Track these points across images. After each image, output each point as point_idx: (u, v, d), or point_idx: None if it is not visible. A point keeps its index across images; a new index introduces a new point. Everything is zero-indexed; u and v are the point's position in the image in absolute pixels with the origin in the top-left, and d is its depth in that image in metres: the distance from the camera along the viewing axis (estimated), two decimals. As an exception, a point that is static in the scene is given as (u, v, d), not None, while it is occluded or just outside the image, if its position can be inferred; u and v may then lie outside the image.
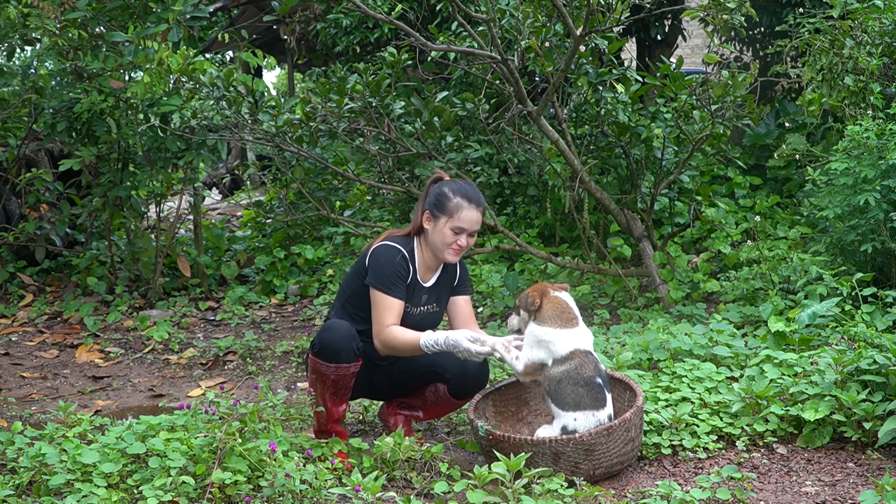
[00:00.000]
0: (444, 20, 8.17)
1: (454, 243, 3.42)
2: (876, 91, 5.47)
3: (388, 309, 3.36)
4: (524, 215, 7.29)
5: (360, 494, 2.85)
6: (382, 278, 3.38)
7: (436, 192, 3.47)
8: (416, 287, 3.48)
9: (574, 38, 4.98)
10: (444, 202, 3.42)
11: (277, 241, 7.16)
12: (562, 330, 3.20)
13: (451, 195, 3.43)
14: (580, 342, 3.21)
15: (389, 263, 3.39)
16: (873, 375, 3.37)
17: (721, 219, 6.59)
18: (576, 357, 3.17)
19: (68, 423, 3.50)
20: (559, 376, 3.15)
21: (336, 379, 3.37)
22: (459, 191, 3.45)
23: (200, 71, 5.70)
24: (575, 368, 3.15)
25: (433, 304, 3.57)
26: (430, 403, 3.65)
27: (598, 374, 3.17)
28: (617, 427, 3.08)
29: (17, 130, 6.79)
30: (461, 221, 3.41)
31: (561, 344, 3.18)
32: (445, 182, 3.51)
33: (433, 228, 3.44)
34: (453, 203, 3.41)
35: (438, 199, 3.44)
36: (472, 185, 3.59)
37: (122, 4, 5.59)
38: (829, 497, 2.99)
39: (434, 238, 3.44)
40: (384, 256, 3.41)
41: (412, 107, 5.91)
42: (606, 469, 3.13)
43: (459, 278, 3.62)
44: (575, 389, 3.13)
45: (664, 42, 9.00)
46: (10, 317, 6.19)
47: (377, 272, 3.39)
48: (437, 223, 3.43)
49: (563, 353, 3.17)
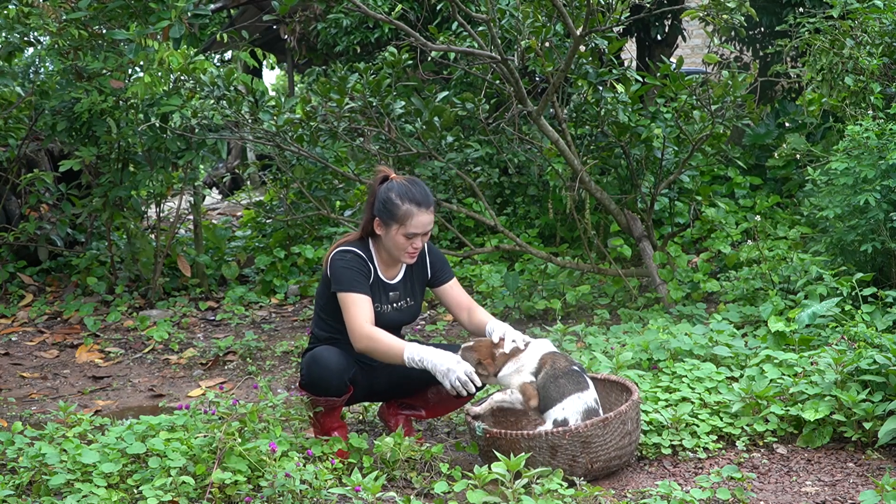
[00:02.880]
0: (444, 20, 8.17)
1: (408, 247, 3.37)
2: (876, 91, 5.47)
3: (356, 305, 3.29)
4: (524, 215, 7.29)
5: (360, 494, 2.85)
6: (343, 280, 3.33)
7: (383, 198, 3.35)
8: (381, 285, 3.44)
9: (574, 38, 4.98)
10: (393, 210, 3.32)
11: (277, 241, 7.16)
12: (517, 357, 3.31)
13: (399, 202, 3.32)
14: (540, 350, 3.33)
15: (347, 265, 3.34)
16: (873, 375, 3.37)
17: (721, 219, 6.59)
18: (546, 360, 3.29)
19: (68, 423, 3.50)
20: (542, 382, 3.26)
21: (327, 407, 3.40)
22: (407, 195, 3.33)
23: (201, 70, 5.70)
24: (551, 367, 3.26)
25: (406, 300, 3.52)
26: (432, 403, 3.64)
27: (571, 363, 3.28)
28: (613, 419, 3.10)
29: (17, 130, 6.79)
30: (413, 227, 3.32)
31: (526, 364, 3.30)
32: (391, 186, 3.37)
33: (385, 235, 3.37)
34: (403, 210, 3.31)
35: (387, 207, 3.33)
36: (419, 183, 3.43)
37: (122, 4, 5.58)
38: (829, 497, 2.99)
39: (388, 243, 3.39)
40: (341, 261, 3.36)
41: (412, 107, 5.91)
42: (604, 463, 3.13)
43: (433, 268, 3.56)
44: (556, 383, 3.22)
45: (664, 42, 9.00)
46: (10, 317, 6.19)
47: (337, 277, 3.34)
48: (388, 230, 3.35)
49: (534, 366, 3.29)
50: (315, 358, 3.35)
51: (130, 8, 5.63)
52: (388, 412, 3.69)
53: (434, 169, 6.73)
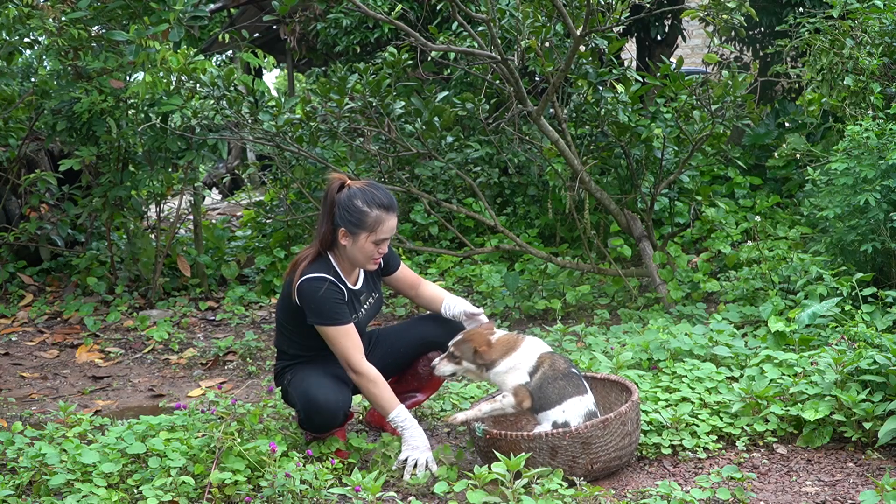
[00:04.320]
0: (444, 20, 8.17)
1: (375, 253, 3.28)
2: (876, 91, 5.47)
3: (347, 337, 3.23)
4: (524, 215, 7.29)
5: (360, 494, 2.85)
6: (324, 313, 3.22)
7: (346, 205, 3.22)
8: (353, 295, 3.38)
9: (574, 38, 4.98)
10: (362, 217, 3.20)
11: (277, 241, 7.16)
12: (514, 353, 3.29)
13: (366, 208, 3.20)
14: (538, 348, 3.31)
15: (322, 297, 3.21)
16: (873, 375, 3.37)
17: (721, 219, 6.59)
18: (544, 359, 3.27)
19: (68, 423, 3.50)
20: (539, 383, 3.23)
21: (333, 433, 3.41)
22: (374, 201, 3.22)
23: (201, 70, 5.70)
24: (550, 367, 3.25)
25: (372, 296, 3.50)
26: (425, 379, 3.62)
27: (570, 365, 3.28)
28: (613, 420, 3.10)
29: (17, 130, 6.79)
30: (383, 233, 3.24)
31: (524, 361, 3.27)
32: (354, 192, 3.24)
33: (352, 245, 3.25)
34: (372, 217, 3.20)
35: (352, 214, 3.21)
36: (380, 187, 3.32)
37: (122, 4, 5.58)
38: (829, 497, 2.99)
39: (354, 253, 3.26)
40: (314, 292, 3.21)
41: (412, 107, 5.92)
42: (604, 464, 3.13)
43: (384, 259, 3.48)
44: (556, 384, 3.21)
45: (664, 42, 9.00)
46: (10, 317, 6.19)
47: (315, 310, 3.22)
48: (356, 239, 3.23)
49: (531, 364, 3.26)
50: (313, 404, 3.24)
51: (130, 8, 5.63)
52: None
53: (434, 169, 6.73)
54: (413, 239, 7.17)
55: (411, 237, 7.18)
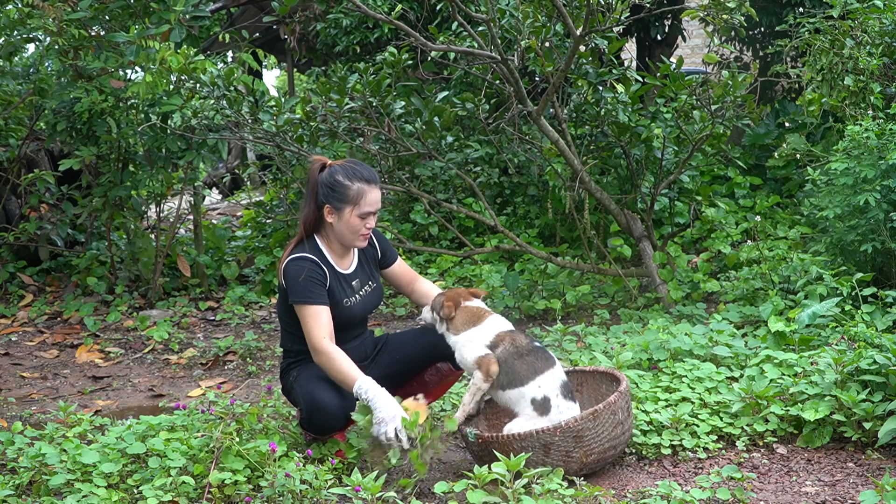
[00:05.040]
0: (444, 20, 8.17)
1: (363, 228, 3.31)
2: (876, 91, 5.47)
3: (313, 317, 3.23)
4: (524, 215, 7.29)
5: (360, 494, 2.85)
6: (299, 291, 3.23)
7: (328, 182, 3.27)
8: (342, 279, 3.38)
9: (574, 38, 4.98)
10: (344, 191, 3.25)
11: (277, 241, 7.16)
12: (474, 328, 3.28)
13: (347, 182, 3.25)
14: (498, 326, 3.29)
15: (300, 275, 3.24)
16: (873, 375, 3.37)
17: (721, 219, 6.59)
18: (504, 337, 3.26)
19: (68, 423, 3.50)
20: (502, 357, 3.21)
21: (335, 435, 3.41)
22: (355, 175, 3.27)
23: (201, 70, 5.70)
24: (511, 344, 3.23)
25: (369, 284, 3.49)
26: (432, 385, 3.61)
27: (532, 340, 3.28)
28: (602, 410, 3.09)
29: (17, 130, 6.79)
30: (367, 206, 3.27)
31: (481, 335, 3.26)
32: (335, 169, 3.29)
33: (338, 221, 3.29)
34: (354, 190, 3.25)
35: (335, 190, 3.26)
36: (360, 163, 3.37)
37: (123, 4, 5.58)
38: (829, 497, 2.99)
39: (341, 229, 3.30)
40: (293, 271, 3.25)
41: (412, 107, 5.91)
42: (599, 455, 3.13)
43: (382, 247, 3.52)
44: (524, 360, 3.20)
45: (664, 42, 9.01)
46: (10, 317, 6.19)
47: (293, 289, 3.25)
48: (341, 214, 3.27)
49: (489, 339, 3.24)
50: (316, 405, 3.24)
51: (130, 8, 5.63)
52: None
53: (434, 169, 6.73)
54: (413, 239, 7.17)
55: (411, 237, 7.18)
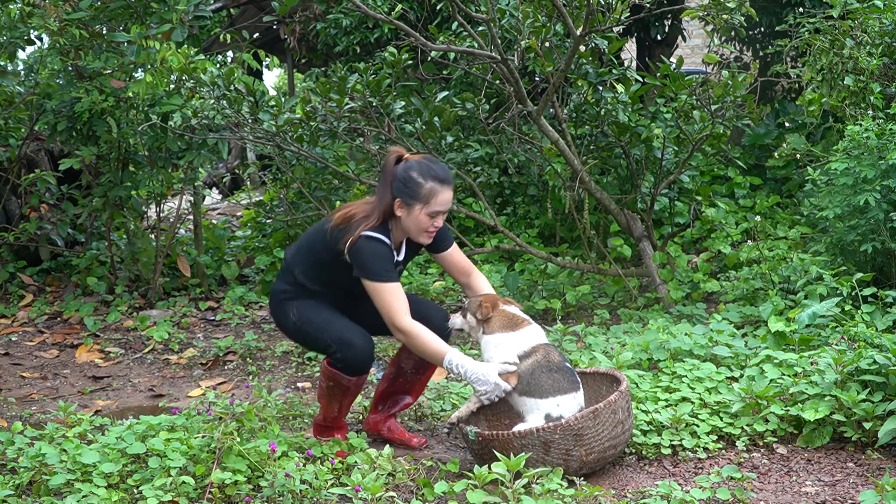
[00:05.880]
0: (444, 20, 8.17)
1: (430, 226, 3.34)
2: (876, 91, 5.48)
3: (395, 295, 3.25)
4: (524, 215, 7.29)
5: (360, 494, 2.85)
6: (378, 271, 3.26)
7: (403, 177, 3.29)
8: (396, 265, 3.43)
9: (574, 38, 4.98)
10: (416, 189, 3.27)
11: (277, 241, 7.16)
12: (512, 332, 3.31)
13: (421, 180, 3.27)
14: (535, 338, 3.31)
15: (378, 256, 3.27)
16: (873, 375, 3.37)
17: (721, 219, 6.59)
18: (540, 349, 3.27)
19: (68, 423, 3.50)
20: (531, 368, 3.23)
21: (355, 388, 3.42)
22: (429, 173, 3.29)
23: (201, 70, 5.70)
24: (544, 357, 3.25)
25: (401, 267, 3.54)
26: (410, 376, 3.63)
27: (564, 360, 3.29)
28: (602, 409, 3.09)
29: (17, 130, 6.78)
30: (437, 206, 3.29)
31: (516, 342, 3.28)
32: (411, 165, 3.32)
33: (407, 216, 3.31)
34: (426, 189, 3.27)
35: (408, 187, 3.28)
36: (437, 161, 3.40)
37: (123, 4, 5.58)
38: (829, 497, 2.99)
39: (409, 224, 3.33)
40: (371, 251, 3.27)
41: (412, 107, 5.91)
42: (599, 454, 3.12)
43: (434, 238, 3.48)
44: (551, 376, 3.20)
45: (664, 42, 9.01)
46: (10, 317, 6.19)
47: (368, 267, 3.26)
48: (411, 210, 3.29)
49: (523, 349, 3.27)
50: (347, 341, 3.33)
51: (131, 8, 5.63)
52: (377, 421, 3.67)
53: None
54: (413, 239, 7.16)
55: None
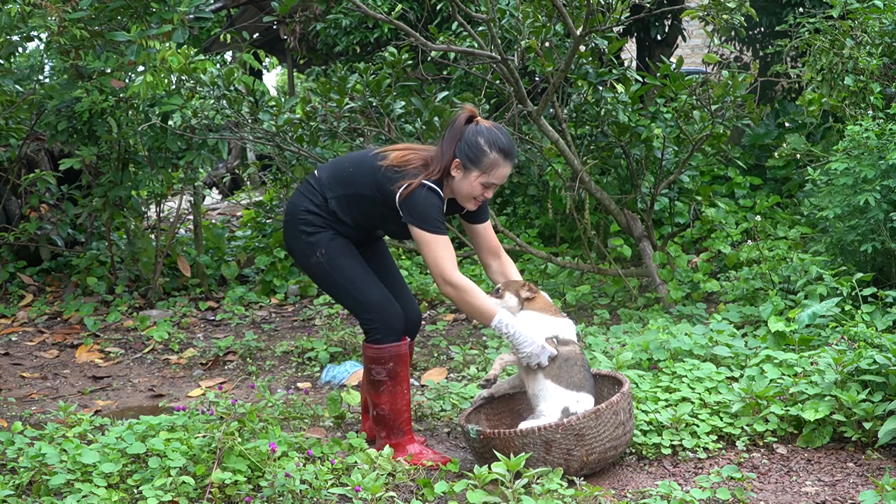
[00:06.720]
0: (444, 20, 8.18)
1: (481, 195, 3.27)
2: (876, 91, 5.48)
3: (446, 248, 3.19)
4: (524, 215, 7.29)
5: (360, 494, 2.85)
6: (430, 220, 3.18)
7: (469, 140, 3.20)
8: None
9: (574, 38, 4.98)
10: (480, 156, 3.18)
11: (277, 241, 7.16)
12: (554, 317, 3.34)
13: (487, 149, 3.18)
14: (572, 331, 3.35)
15: (434, 207, 3.19)
16: (873, 375, 3.37)
17: (721, 219, 6.59)
18: (573, 343, 3.31)
19: (68, 423, 3.50)
20: (567, 354, 3.24)
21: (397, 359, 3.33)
22: (496, 144, 3.19)
23: (201, 70, 5.70)
24: (579, 351, 3.28)
25: None
26: None
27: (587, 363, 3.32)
28: (604, 410, 3.10)
29: (18, 130, 6.78)
30: (494, 178, 3.21)
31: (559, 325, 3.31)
32: (480, 129, 3.22)
33: (461, 178, 3.22)
34: (490, 159, 3.18)
35: (472, 151, 3.19)
36: (506, 133, 3.28)
37: (123, 4, 5.58)
38: (829, 497, 2.99)
39: (460, 187, 3.24)
40: (428, 201, 3.18)
41: (412, 107, 5.91)
42: (600, 455, 3.13)
43: None
44: (581, 371, 3.23)
45: (664, 42, 9.01)
46: (10, 317, 6.19)
47: (423, 215, 3.18)
48: (467, 174, 3.21)
49: (568, 336, 3.30)
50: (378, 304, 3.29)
51: (131, 8, 5.63)
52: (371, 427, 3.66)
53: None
54: (413, 239, 7.16)
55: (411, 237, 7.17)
